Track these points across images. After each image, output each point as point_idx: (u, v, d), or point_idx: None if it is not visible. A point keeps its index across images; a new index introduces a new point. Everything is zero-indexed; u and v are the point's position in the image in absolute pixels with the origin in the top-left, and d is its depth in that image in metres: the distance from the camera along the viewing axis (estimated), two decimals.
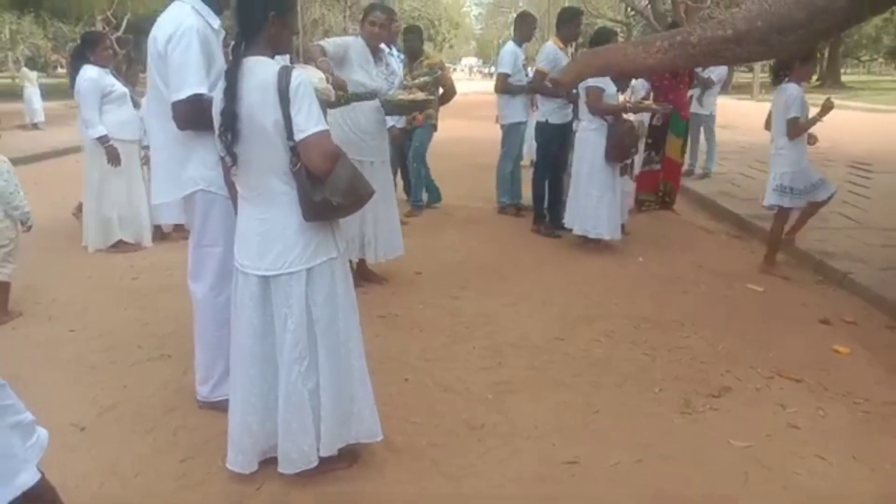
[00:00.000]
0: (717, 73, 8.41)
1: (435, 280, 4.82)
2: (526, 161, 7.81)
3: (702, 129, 8.56)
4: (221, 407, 2.72)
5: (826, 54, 35.43)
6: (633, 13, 27.27)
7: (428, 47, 46.72)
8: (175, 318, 3.98)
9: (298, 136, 2.17)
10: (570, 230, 5.70)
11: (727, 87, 13.80)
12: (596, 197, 5.43)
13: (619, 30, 38.39)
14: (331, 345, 2.37)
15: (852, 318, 4.16)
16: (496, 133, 7.20)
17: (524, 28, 6.82)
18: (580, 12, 6.70)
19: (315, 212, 2.25)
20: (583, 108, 5.56)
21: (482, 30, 63.22)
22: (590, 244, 5.60)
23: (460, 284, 4.77)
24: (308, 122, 2.16)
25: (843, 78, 37.20)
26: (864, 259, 5.05)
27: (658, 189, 7.16)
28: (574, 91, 5.65)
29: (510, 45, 6.69)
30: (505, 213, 7.00)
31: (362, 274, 4.69)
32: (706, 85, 8.15)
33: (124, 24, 24.66)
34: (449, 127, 14.81)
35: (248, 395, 2.43)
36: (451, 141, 12.97)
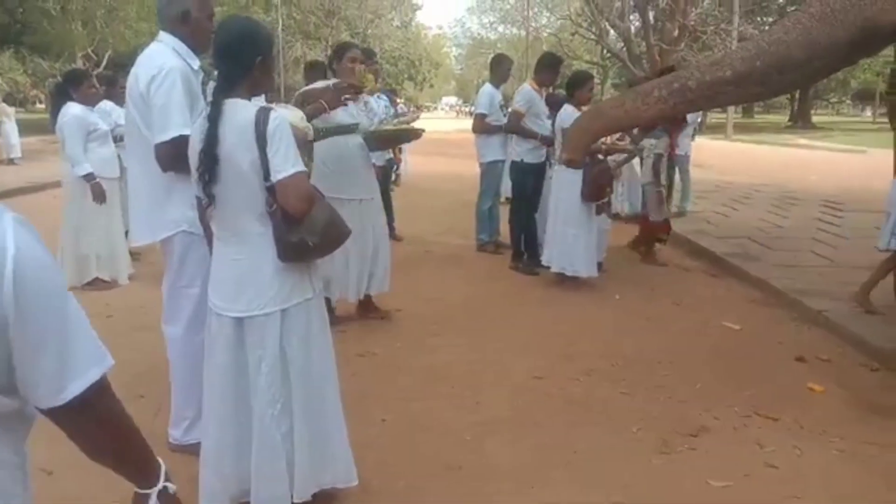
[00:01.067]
0: (690, 114, 8.59)
1: (414, 318, 4.81)
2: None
3: (677, 168, 8.70)
4: (193, 450, 2.66)
5: (797, 96, 36.40)
6: (608, 55, 27.89)
7: (409, 86, 47.16)
8: (148, 357, 3.90)
9: (275, 177, 2.17)
10: (548, 268, 5.74)
11: (701, 128, 14.10)
12: (572, 235, 5.49)
13: (595, 72, 39.29)
14: (305, 387, 2.34)
15: (827, 355, 4.20)
16: (476, 170, 7.28)
17: (500, 70, 6.96)
18: (561, 60, 6.84)
19: (291, 253, 2.24)
20: (559, 148, 5.64)
21: (462, 70, 64.32)
22: (567, 282, 5.63)
23: (439, 322, 4.76)
24: (285, 163, 2.17)
25: (814, 119, 38.21)
26: (838, 297, 5.11)
27: (669, 229, 7.10)
28: (550, 132, 5.76)
29: (487, 87, 6.84)
30: (484, 250, 7.03)
31: (367, 309, 4.77)
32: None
33: (105, 60, 24.71)
34: (429, 164, 15.01)
35: (220, 438, 2.39)
36: (432, 177, 13.09)
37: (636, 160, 6.79)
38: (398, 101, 14.27)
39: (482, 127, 6.66)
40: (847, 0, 3.17)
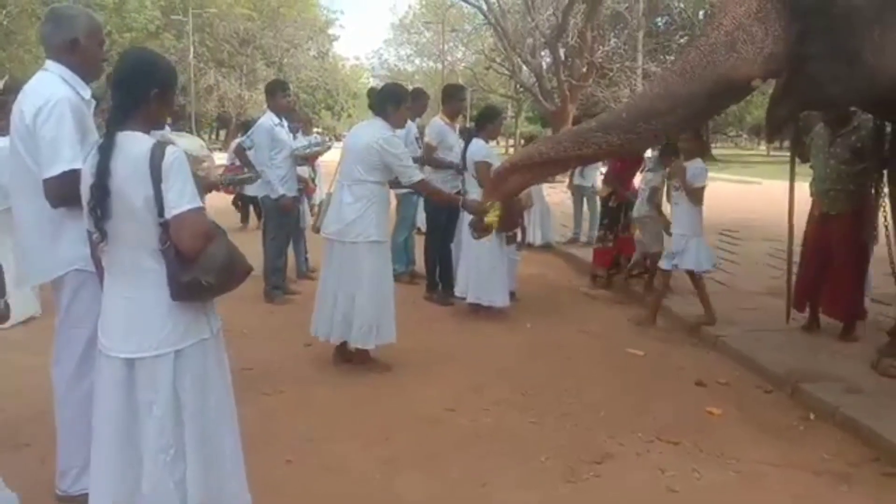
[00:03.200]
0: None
1: (324, 353, 4.70)
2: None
3: (584, 199, 9.00)
4: (82, 501, 2.50)
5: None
6: (522, 90, 28.71)
7: (326, 116, 46.89)
8: (35, 403, 3.66)
9: (169, 214, 2.10)
10: (463, 298, 5.78)
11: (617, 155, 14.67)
12: (487, 266, 5.55)
13: (509, 105, 40.31)
14: (200, 432, 2.24)
15: (725, 379, 4.39)
16: (393, 202, 7.28)
17: (415, 104, 7.04)
18: (463, 88, 7.02)
19: (184, 292, 2.16)
20: (470, 180, 5.74)
21: None
22: (481, 311, 5.69)
23: (351, 356, 4.68)
24: (180, 199, 2.11)
25: (714, 151, 40.42)
26: (735, 322, 5.37)
27: (611, 266, 7.11)
28: (460, 164, 5.85)
29: (437, 118, 6.91)
30: (399, 280, 7.00)
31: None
32: None
33: (1, 85, 23.46)
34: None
35: (109, 487, 2.25)
36: None
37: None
38: (315, 130, 14.24)
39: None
40: (703, 58, 3.43)
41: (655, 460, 3.28)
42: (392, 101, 4.38)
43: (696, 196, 5.22)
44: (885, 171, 4.44)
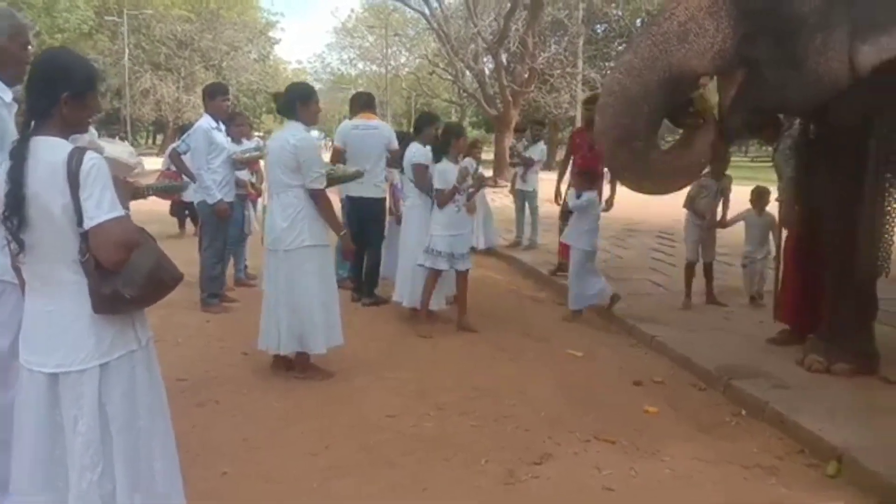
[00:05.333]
0: (538, 153, 9.07)
1: (263, 361, 4.62)
2: None
3: (526, 203, 9.11)
4: None
5: None
6: (465, 95, 28.89)
7: (268, 120, 46.12)
8: None
9: (87, 224, 2.03)
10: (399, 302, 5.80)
11: (550, 165, 14.89)
12: (424, 270, 5.55)
13: (453, 110, 40.48)
14: (129, 448, 2.17)
15: (661, 378, 4.49)
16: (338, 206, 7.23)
17: (357, 107, 7.00)
18: (369, 95, 7.12)
19: (105, 305, 2.08)
20: (409, 184, 5.74)
21: (323, 105, 63.94)
22: (420, 315, 5.67)
23: (289, 364, 4.61)
24: (98, 208, 2.03)
25: None
26: (671, 322, 5.51)
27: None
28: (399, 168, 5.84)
29: (345, 123, 6.85)
30: (343, 286, 6.93)
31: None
32: (527, 163, 8.75)
33: None
34: None
35: None
36: None
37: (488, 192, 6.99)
38: (255, 134, 13.97)
39: (339, 161, 6.64)
40: (656, 47, 3.51)
41: (593, 459, 3.33)
42: (300, 99, 4.32)
43: None
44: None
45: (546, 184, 9.14)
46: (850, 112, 3.70)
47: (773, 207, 5.73)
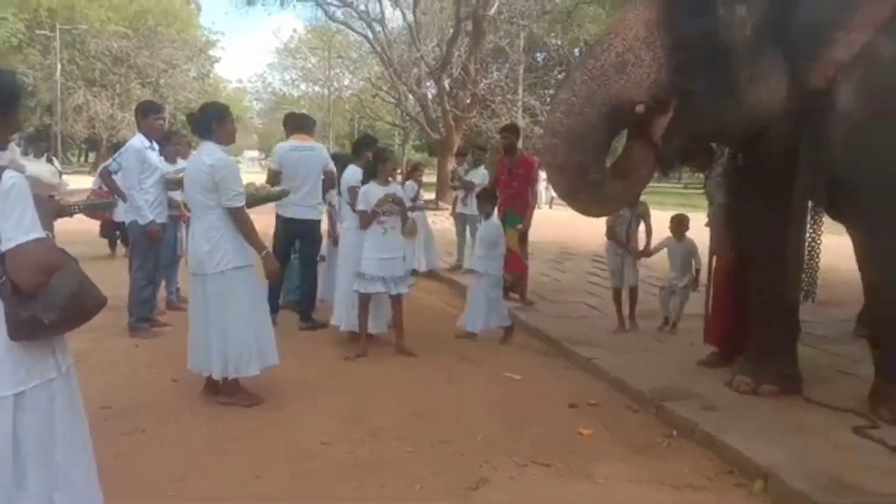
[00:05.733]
0: (479, 177, 9.15)
1: (194, 386, 4.47)
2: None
3: (467, 226, 9.16)
4: None
5: None
6: (408, 118, 29.05)
7: None
8: None
9: (5, 246, 1.94)
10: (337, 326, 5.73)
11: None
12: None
13: (396, 133, 40.58)
14: (45, 480, 2.06)
15: (596, 400, 4.55)
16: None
17: (292, 128, 6.94)
18: (304, 116, 7.18)
19: (22, 331, 1.99)
20: (346, 207, 5.71)
21: (263, 124, 63.32)
22: (358, 339, 5.60)
23: (218, 389, 4.47)
24: (17, 229, 1.94)
25: None
26: (606, 345, 5.60)
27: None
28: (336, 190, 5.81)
29: (282, 144, 6.74)
30: (291, 308, 6.81)
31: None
32: (468, 187, 8.82)
33: None
34: None
35: None
36: None
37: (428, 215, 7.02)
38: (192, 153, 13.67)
39: (276, 181, 6.55)
40: (593, 81, 3.60)
41: (528, 483, 3.34)
42: (216, 118, 4.27)
43: None
44: None
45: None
46: (777, 140, 3.87)
47: (693, 233, 5.93)
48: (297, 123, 6.62)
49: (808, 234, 4.16)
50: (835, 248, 4.18)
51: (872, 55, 3.69)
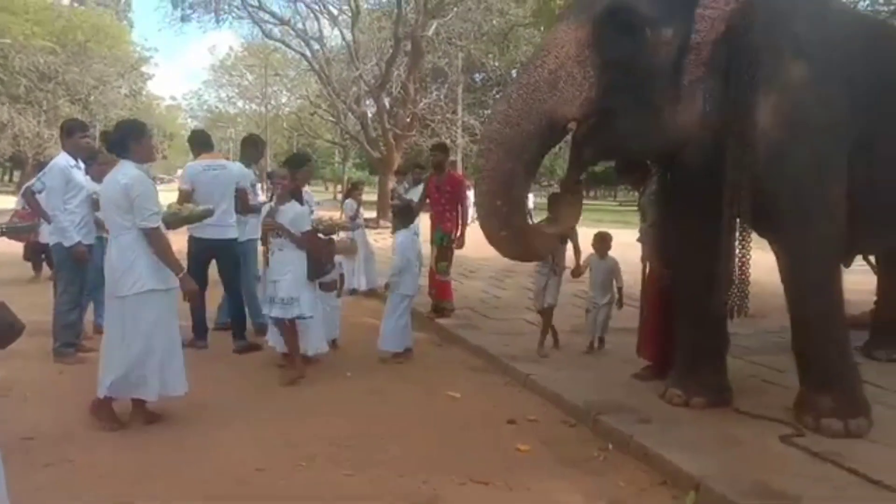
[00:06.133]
0: (418, 195, 9.16)
1: (121, 414, 4.29)
2: None
3: None
4: None
5: None
6: (348, 137, 28.97)
7: None
8: None
9: None
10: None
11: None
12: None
13: (336, 152, 40.36)
14: None
15: (534, 416, 4.58)
16: None
17: (250, 151, 6.92)
18: (257, 139, 7.38)
19: None
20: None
21: None
22: (292, 361, 5.46)
23: (148, 417, 4.30)
24: None
25: (537, 200, 42.88)
26: (544, 360, 5.66)
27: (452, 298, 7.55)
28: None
29: (193, 164, 6.57)
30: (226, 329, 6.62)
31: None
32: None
33: None
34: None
35: None
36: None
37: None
38: None
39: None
40: (527, 97, 3.67)
41: (468, 502, 3.32)
42: (132, 137, 4.17)
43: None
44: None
45: (427, 226, 9.26)
46: (701, 158, 4.00)
47: (623, 250, 6.03)
48: (204, 142, 6.55)
49: (737, 249, 4.30)
50: (761, 262, 4.35)
51: (788, 77, 3.88)
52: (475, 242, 6.26)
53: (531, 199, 22.68)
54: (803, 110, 3.91)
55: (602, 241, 5.86)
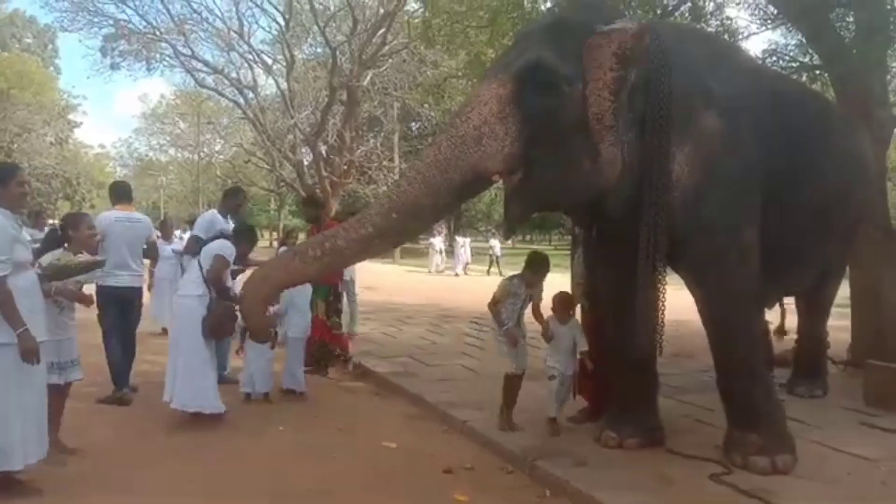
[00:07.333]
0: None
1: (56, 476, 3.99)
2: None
3: (344, 293, 9.06)
4: None
5: (452, 226, 41.11)
6: (284, 184, 28.75)
7: (65, 206, 42.91)
8: None
9: None
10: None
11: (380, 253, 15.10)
12: (194, 367, 5.17)
13: (272, 199, 39.97)
14: None
15: (471, 463, 4.54)
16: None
17: (229, 201, 6.90)
18: (238, 190, 7.65)
19: None
20: (190, 272, 5.53)
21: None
22: (208, 418, 5.21)
23: (52, 480, 4.02)
24: None
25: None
26: (482, 406, 5.62)
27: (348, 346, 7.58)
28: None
29: (211, 213, 6.82)
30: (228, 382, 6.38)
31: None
32: None
33: None
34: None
35: None
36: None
37: None
38: (50, 221, 12.77)
39: (194, 249, 6.22)
40: (455, 148, 3.75)
41: None
42: None
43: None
44: None
45: (363, 273, 9.24)
46: (621, 203, 4.15)
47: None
48: (123, 193, 6.56)
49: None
50: (686, 302, 4.50)
51: (701, 128, 4.10)
52: (412, 289, 6.28)
53: (497, 248, 23.13)
54: (711, 160, 4.11)
55: (563, 304, 5.04)
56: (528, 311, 5.19)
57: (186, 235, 7.71)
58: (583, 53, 3.83)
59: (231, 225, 6.56)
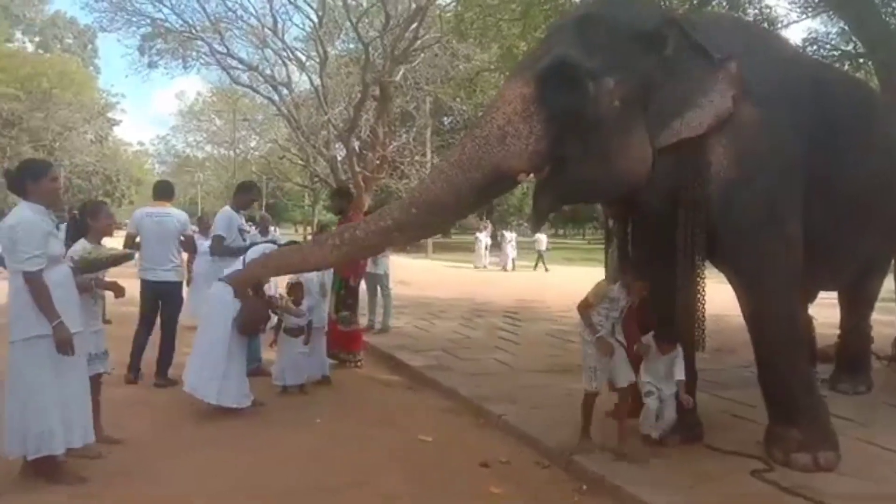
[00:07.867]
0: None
1: (7, 470, 3.95)
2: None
3: (378, 287, 9.13)
4: None
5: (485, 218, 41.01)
6: (318, 179, 29.01)
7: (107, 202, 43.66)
8: None
9: None
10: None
11: (404, 246, 15.17)
12: (217, 361, 5.24)
13: (305, 195, 40.33)
14: None
15: (507, 458, 4.53)
16: None
17: (240, 196, 6.94)
18: (253, 184, 7.61)
19: None
20: (233, 268, 5.62)
21: None
22: (245, 411, 5.32)
23: (92, 469, 4.12)
24: None
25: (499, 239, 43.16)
26: (517, 400, 5.62)
27: (361, 347, 7.44)
28: None
29: (227, 210, 6.76)
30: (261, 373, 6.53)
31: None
32: None
33: None
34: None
35: None
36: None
37: None
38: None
39: (220, 249, 6.44)
40: (479, 149, 3.76)
41: None
42: (30, 177, 3.92)
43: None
44: None
45: (397, 267, 9.28)
46: (655, 199, 4.10)
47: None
48: (159, 190, 6.84)
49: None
50: (726, 296, 4.43)
51: (738, 120, 4.01)
52: (446, 284, 6.28)
53: (544, 242, 22.85)
54: (750, 153, 4.04)
55: (666, 341, 4.38)
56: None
57: (197, 236, 7.67)
58: (614, 46, 3.79)
59: (243, 220, 6.77)
